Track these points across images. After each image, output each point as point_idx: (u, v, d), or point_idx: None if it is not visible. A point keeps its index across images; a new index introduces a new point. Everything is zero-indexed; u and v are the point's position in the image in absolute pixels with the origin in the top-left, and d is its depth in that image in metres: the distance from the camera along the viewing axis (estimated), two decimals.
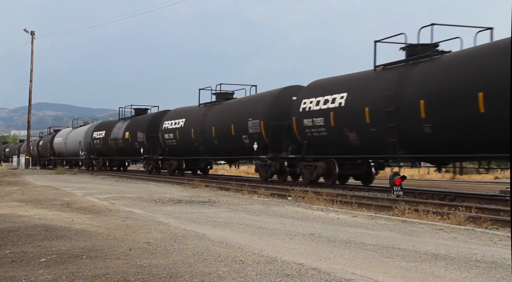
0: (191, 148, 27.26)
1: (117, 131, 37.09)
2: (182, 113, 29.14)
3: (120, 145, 36.18)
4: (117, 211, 10.10)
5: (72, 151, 46.38)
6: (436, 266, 5.29)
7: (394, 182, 14.49)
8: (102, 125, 42.37)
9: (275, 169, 21.18)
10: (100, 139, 40.03)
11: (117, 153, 37.43)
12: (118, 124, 37.64)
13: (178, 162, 29.54)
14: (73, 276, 4.68)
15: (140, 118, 35.73)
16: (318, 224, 8.58)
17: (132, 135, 34.10)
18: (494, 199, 13.16)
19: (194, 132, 26.76)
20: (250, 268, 5.00)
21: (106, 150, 39.00)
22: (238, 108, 24.10)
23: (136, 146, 33.42)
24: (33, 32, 47.19)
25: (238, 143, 23.13)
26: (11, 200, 12.67)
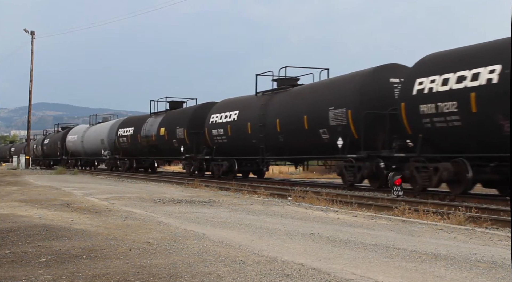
0: (247, 145, 22.92)
1: (148, 127, 32.51)
2: (235, 104, 24.75)
3: (153, 143, 31.67)
4: (117, 211, 10.10)
5: (91, 150, 42.12)
6: (436, 266, 5.29)
7: (394, 182, 14.48)
8: (130, 121, 37.42)
9: (368, 172, 16.45)
10: (127, 137, 35.42)
11: (149, 152, 32.98)
12: (150, 119, 33.00)
13: (229, 162, 24.57)
14: (73, 276, 4.68)
15: (178, 112, 30.86)
16: (318, 224, 8.58)
17: (169, 132, 29.33)
18: (494, 199, 13.16)
19: (251, 126, 22.36)
20: (250, 268, 5.00)
21: (135, 149, 34.62)
22: (312, 95, 19.50)
23: (174, 144, 28.75)
24: (33, 32, 47.17)
25: (313, 138, 18.75)
26: (11, 200, 12.67)
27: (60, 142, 48.82)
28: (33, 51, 46.62)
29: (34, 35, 47.08)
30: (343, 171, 17.64)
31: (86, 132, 43.62)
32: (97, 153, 40.69)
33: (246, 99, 24.59)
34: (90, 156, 42.96)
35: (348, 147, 17.10)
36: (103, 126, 41.76)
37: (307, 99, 19.66)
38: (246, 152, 23.46)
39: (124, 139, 35.84)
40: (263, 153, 22.04)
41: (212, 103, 27.89)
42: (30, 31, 47.21)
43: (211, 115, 25.79)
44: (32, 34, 47.04)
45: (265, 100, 22.28)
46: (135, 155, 35.23)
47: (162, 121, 30.93)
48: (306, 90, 20.52)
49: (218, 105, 26.36)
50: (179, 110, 31.40)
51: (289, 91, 21.45)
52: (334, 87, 18.53)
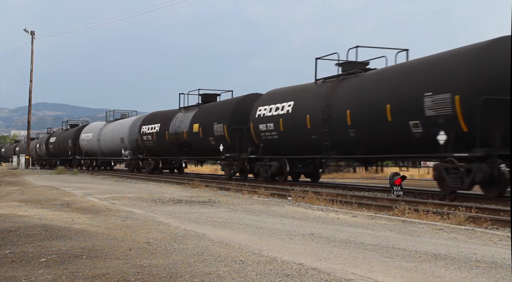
0: (304, 142, 19.45)
1: (178, 123, 28.86)
2: (288, 94, 21.03)
3: (184, 141, 28.10)
4: (117, 211, 10.10)
5: (109, 149, 38.50)
6: (436, 266, 5.29)
7: (394, 182, 14.49)
8: (155, 116, 33.22)
9: (482, 176, 12.67)
10: (153, 135, 31.57)
11: (178, 151, 29.27)
12: (180, 114, 29.36)
13: (279, 163, 21.07)
14: (73, 276, 4.68)
15: (215, 105, 27.19)
16: (318, 224, 8.58)
17: (204, 128, 25.83)
18: (494, 199, 13.15)
19: (310, 119, 18.78)
20: (250, 268, 5.00)
21: (161, 148, 30.96)
22: (398, 79, 15.71)
23: (211, 142, 25.19)
24: (33, 32, 47.18)
25: (398, 133, 15.25)
26: (11, 200, 12.67)
27: (72, 140, 45.27)
28: (33, 51, 46.62)
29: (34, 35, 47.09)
30: (443, 175, 13.71)
31: (102, 130, 40.03)
32: (116, 152, 37.13)
33: (303, 87, 20.72)
34: (107, 156, 39.60)
35: (453, 143, 13.57)
36: (122, 123, 37.78)
37: (390, 84, 15.90)
38: (303, 151, 20.03)
39: (149, 137, 32.05)
40: (326, 151, 18.25)
41: (257, 95, 24.40)
42: (30, 31, 47.23)
43: (257, 108, 22.14)
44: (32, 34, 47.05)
45: (330, 88, 18.44)
46: (161, 155, 31.73)
47: (196, 116, 27.29)
48: (389, 73, 16.53)
49: (267, 96, 22.74)
50: (217, 103, 27.77)
51: (362, 76, 17.64)
52: (432, 67, 14.58)
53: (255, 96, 24.11)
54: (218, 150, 24.51)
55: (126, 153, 34.92)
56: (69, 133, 47.82)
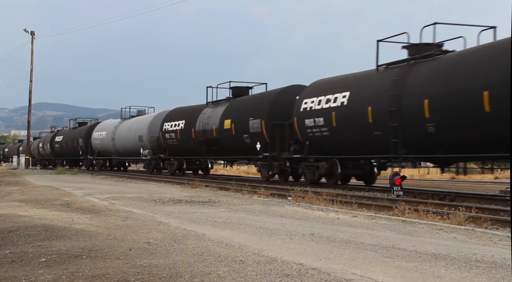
0: (365, 139, 16.63)
1: (206, 119, 26.03)
2: (342, 84, 18.28)
3: (213, 139, 25.27)
4: (117, 211, 10.10)
5: (125, 149, 35.46)
6: (436, 266, 5.29)
7: (394, 182, 14.49)
8: (179, 112, 30.09)
9: None
10: (177, 132, 28.66)
11: (206, 151, 26.29)
12: (207, 110, 26.55)
13: (329, 163, 18.37)
14: (73, 276, 4.68)
15: (250, 99, 24.45)
16: (318, 224, 8.58)
17: (238, 124, 23.10)
18: (494, 199, 13.16)
19: (373, 112, 16.04)
20: (250, 268, 5.00)
21: (186, 147, 28.12)
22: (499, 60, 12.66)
23: (245, 140, 22.60)
24: (33, 32, 47.19)
25: (501, 127, 12.20)
26: (11, 200, 12.67)
27: (83, 139, 42.24)
28: (33, 51, 46.63)
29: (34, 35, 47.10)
30: None
31: (117, 127, 37.01)
32: (133, 152, 33.93)
33: (361, 75, 17.88)
34: (123, 155, 36.61)
35: None
36: (141, 120, 34.39)
37: (488, 65, 12.97)
38: (361, 149, 17.32)
39: (172, 135, 29.11)
40: (395, 149, 15.33)
41: (300, 86, 21.89)
42: (30, 31, 47.24)
43: (302, 101, 19.43)
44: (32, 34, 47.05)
45: (398, 75, 15.73)
46: (186, 154, 28.84)
47: (227, 112, 24.47)
48: (487, 53, 13.49)
49: (314, 87, 19.99)
50: (252, 96, 24.93)
51: (443, 59, 14.92)
52: None
53: (298, 88, 21.51)
54: (254, 149, 21.74)
55: (146, 153, 31.60)
56: (79, 132, 44.76)
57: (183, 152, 28.98)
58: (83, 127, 45.75)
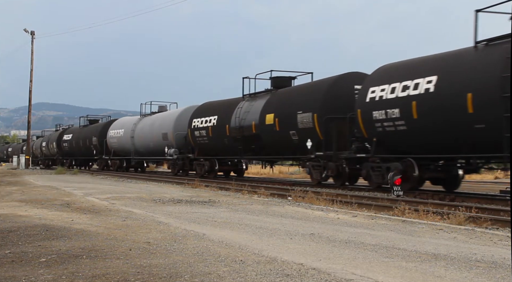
0: (460, 134, 13.54)
1: (243, 114, 22.87)
2: (422, 67, 14.89)
3: (253, 136, 22.05)
4: (117, 211, 10.10)
5: (146, 148, 32.38)
6: (436, 266, 5.29)
7: (394, 182, 14.49)
8: (210, 107, 26.85)
9: None
10: (208, 129, 25.45)
11: (243, 149, 23.05)
12: (244, 103, 23.29)
13: (404, 164, 15.12)
14: (73, 276, 4.68)
15: (295, 90, 21.31)
16: (318, 224, 8.58)
17: (283, 119, 20.02)
18: (494, 199, 13.16)
19: (474, 100, 12.91)
20: (250, 268, 5.00)
21: (220, 145, 24.97)
22: None
23: (291, 136, 19.46)
24: (33, 32, 47.17)
25: None
26: (11, 200, 12.67)
27: (97, 138, 39.12)
28: (33, 51, 46.62)
29: (34, 35, 47.08)
30: None
31: (137, 125, 33.80)
32: (156, 151, 30.95)
33: (451, 56, 14.53)
34: (143, 155, 33.58)
35: None
36: (165, 116, 31.22)
37: None
38: (452, 147, 14.06)
39: (203, 133, 25.90)
40: (507, 146, 12.10)
41: (359, 74, 18.89)
42: (30, 31, 47.22)
43: (369, 89, 16.26)
44: (32, 34, 47.04)
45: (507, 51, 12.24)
46: (218, 154, 25.67)
47: (268, 105, 21.40)
48: None
49: (382, 73, 16.58)
50: (300, 87, 21.44)
51: None
52: None
53: (356, 75, 18.64)
54: (303, 147, 18.74)
55: (171, 152, 28.33)
56: (92, 130, 41.33)
57: (215, 152, 25.79)
58: (97, 125, 42.59)
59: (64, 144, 46.28)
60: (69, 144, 45.08)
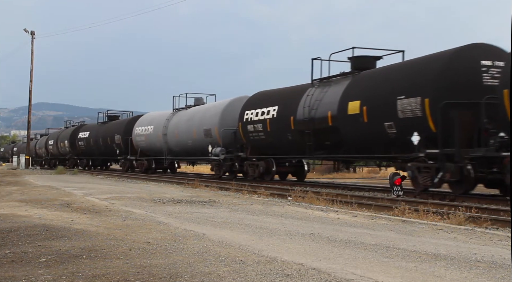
0: None
1: (313, 103, 18.66)
2: None
3: (328, 129, 17.91)
4: (117, 211, 10.10)
5: (183, 146, 28.25)
6: (436, 266, 5.29)
7: (394, 182, 14.48)
8: (268, 96, 22.40)
9: None
10: (265, 123, 21.16)
11: (315, 146, 18.70)
12: (314, 90, 19.04)
13: None
14: (73, 276, 4.68)
15: (391, 70, 16.47)
16: (318, 224, 8.58)
17: (373, 107, 15.84)
18: (494, 199, 13.15)
19: None
20: (250, 268, 5.00)
21: (281, 141, 20.60)
22: None
23: (387, 129, 15.17)
24: (33, 32, 47.17)
25: None
26: (11, 200, 12.67)
27: (121, 136, 35.22)
28: (33, 51, 46.62)
29: (34, 35, 47.08)
30: None
31: (170, 120, 29.71)
32: (196, 150, 27.03)
33: None
34: (179, 155, 29.63)
35: None
36: (207, 109, 26.90)
37: None
38: None
39: (258, 127, 21.68)
40: None
41: (485, 46, 14.40)
42: (30, 31, 47.22)
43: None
44: (32, 34, 47.04)
45: None
46: (278, 152, 21.53)
47: (351, 90, 17.23)
48: None
49: None
50: (398, 66, 16.62)
51: None
52: None
53: (483, 48, 14.24)
54: (405, 143, 14.58)
55: (217, 151, 24.19)
56: (114, 127, 37.50)
57: (273, 149, 21.65)
58: (119, 122, 38.39)
59: (79, 143, 42.30)
60: (86, 143, 41.19)
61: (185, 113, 28.88)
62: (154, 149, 31.46)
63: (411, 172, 14.58)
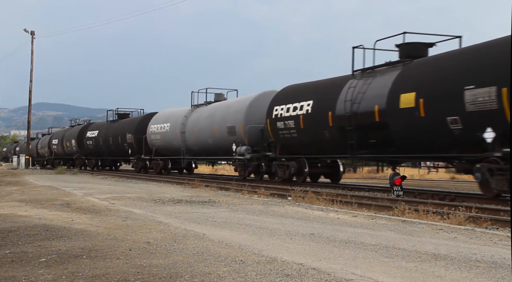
0: None
1: (355, 96, 16.64)
2: None
3: (375, 125, 15.93)
4: (117, 211, 10.10)
5: (202, 145, 26.44)
6: (436, 266, 5.29)
7: (394, 182, 14.49)
8: (300, 90, 20.53)
9: None
10: (298, 119, 19.31)
11: (358, 144, 16.70)
12: (356, 82, 17.00)
13: None
14: (73, 276, 4.68)
15: (452, 57, 14.22)
16: (318, 224, 8.58)
17: (433, 100, 13.83)
18: (494, 199, 13.15)
19: None
20: (250, 268, 5.00)
21: (316, 139, 18.66)
22: None
23: (449, 125, 13.15)
24: (33, 32, 47.19)
25: None
26: (11, 200, 12.67)
27: (133, 135, 33.42)
28: (33, 51, 46.62)
29: (34, 35, 47.10)
30: None
31: (189, 117, 27.82)
32: (218, 149, 25.26)
33: None
34: (198, 154, 27.86)
35: None
36: (231, 105, 24.89)
37: None
38: None
39: (290, 123, 19.71)
40: None
41: None
42: (30, 31, 47.24)
43: None
44: (32, 34, 47.05)
45: None
46: (312, 151, 19.59)
47: (403, 80, 15.12)
48: None
49: None
50: (463, 51, 14.41)
51: None
52: None
53: None
54: (473, 141, 12.77)
55: (242, 150, 22.28)
56: (125, 125, 35.60)
57: (307, 148, 19.71)
58: (131, 119, 36.46)
59: (87, 142, 40.51)
60: (94, 142, 39.34)
61: (205, 110, 27.01)
62: (171, 148, 29.68)
63: (480, 175, 12.78)
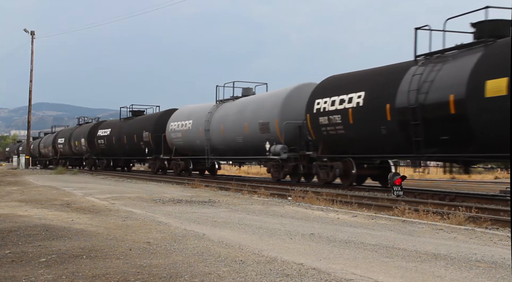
0: None
1: (421, 85, 14.29)
2: None
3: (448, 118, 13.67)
4: (117, 211, 10.10)
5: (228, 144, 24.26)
6: (436, 266, 5.29)
7: (394, 182, 14.49)
8: (346, 81, 18.27)
9: None
10: (345, 113, 17.09)
11: (425, 141, 14.39)
12: (421, 69, 14.66)
13: None
14: (73, 276, 4.68)
15: None
16: (318, 224, 8.58)
17: None
18: (494, 199, 13.16)
19: None
20: (250, 268, 5.00)
21: (368, 136, 16.48)
22: None
23: None
24: (33, 32, 47.18)
25: None
26: (11, 200, 12.67)
27: (150, 133, 31.21)
28: (33, 51, 46.62)
29: (34, 35, 47.09)
30: None
31: (214, 113, 25.46)
32: (248, 148, 22.89)
33: None
34: (224, 153, 25.30)
35: None
36: (263, 99, 22.50)
37: None
38: None
39: (335, 119, 17.50)
40: None
41: None
42: (30, 31, 47.23)
43: None
44: (32, 34, 47.04)
45: None
46: (362, 150, 17.48)
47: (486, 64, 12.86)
48: None
49: None
50: None
51: None
52: None
53: None
54: None
55: (277, 149, 20.08)
56: (141, 123, 33.29)
57: (359, 147, 17.42)
58: (147, 117, 34.10)
59: (99, 141, 38.06)
60: (107, 141, 36.86)
61: (233, 105, 24.52)
62: (194, 148, 27.40)
63: None
